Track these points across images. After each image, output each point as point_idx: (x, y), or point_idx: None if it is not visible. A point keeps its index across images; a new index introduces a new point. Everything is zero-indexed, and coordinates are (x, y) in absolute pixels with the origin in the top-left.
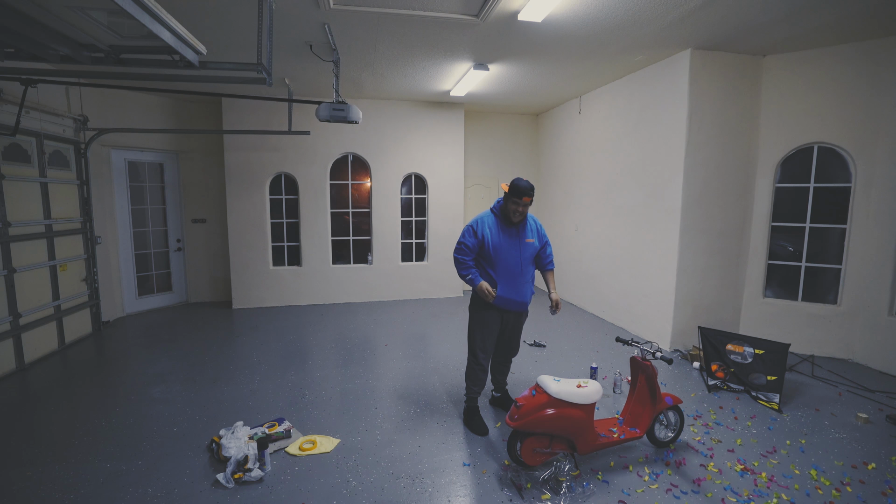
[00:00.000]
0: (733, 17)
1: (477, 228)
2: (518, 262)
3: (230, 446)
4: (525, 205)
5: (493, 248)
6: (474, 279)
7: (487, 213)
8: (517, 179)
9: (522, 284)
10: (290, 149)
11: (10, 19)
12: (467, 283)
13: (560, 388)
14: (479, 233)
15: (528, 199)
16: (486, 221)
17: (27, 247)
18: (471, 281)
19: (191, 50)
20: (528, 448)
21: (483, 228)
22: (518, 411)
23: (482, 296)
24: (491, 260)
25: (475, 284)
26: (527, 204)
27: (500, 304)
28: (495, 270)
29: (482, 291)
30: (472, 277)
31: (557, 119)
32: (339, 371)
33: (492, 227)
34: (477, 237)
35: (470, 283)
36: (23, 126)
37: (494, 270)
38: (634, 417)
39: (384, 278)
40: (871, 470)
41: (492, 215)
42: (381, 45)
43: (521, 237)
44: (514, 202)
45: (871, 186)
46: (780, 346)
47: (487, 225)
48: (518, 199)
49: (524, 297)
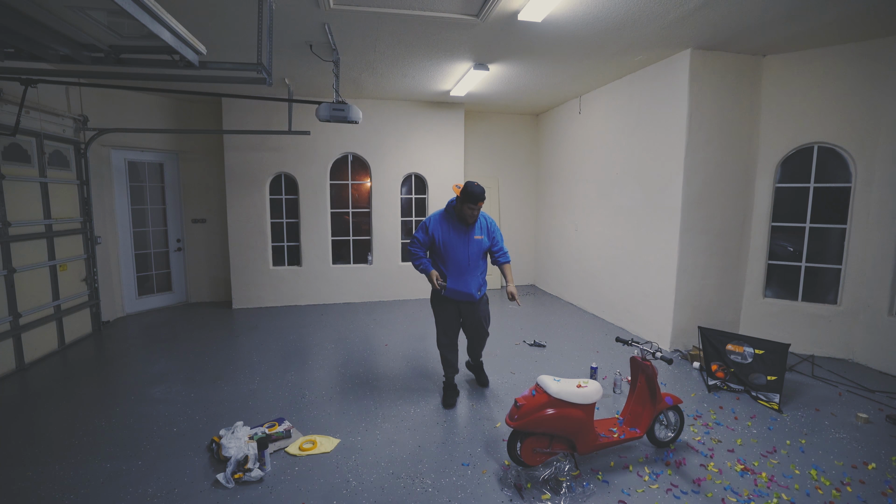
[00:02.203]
0: (733, 17)
1: (429, 226)
2: (465, 257)
3: (230, 446)
4: (478, 208)
5: (443, 245)
6: (425, 268)
7: (441, 212)
8: (470, 185)
9: (470, 278)
10: (290, 149)
11: (10, 19)
12: (420, 271)
13: (560, 388)
14: (430, 230)
15: (481, 204)
16: (437, 220)
17: (27, 247)
18: (423, 270)
19: (191, 50)
20: (528, 448)
21: (435, 226)
22: (518, 411)
23: (430, 283)
24: (441, 255)
25: (428, 272)
26: (479, 207)
27: (450, 295)
28: (445, 265)
29: (431, 278)
30: (424, 267)
31: (557, 119)
32: (339, 371)
33: (443, 226)
34: (428, 234)
35: (422, 272)
36: (23, 126)
37: (444, 265)
38: (634, 417)
39: (384, 278)
40: (871, 470)
41: (445, 213)
42: (381, 45)
43: (469, 234)
44: (468, 207)
45: (871, 186)
46: (780, 346)
47: (439, 223)
48: (473, 205)
49: (471, 289)
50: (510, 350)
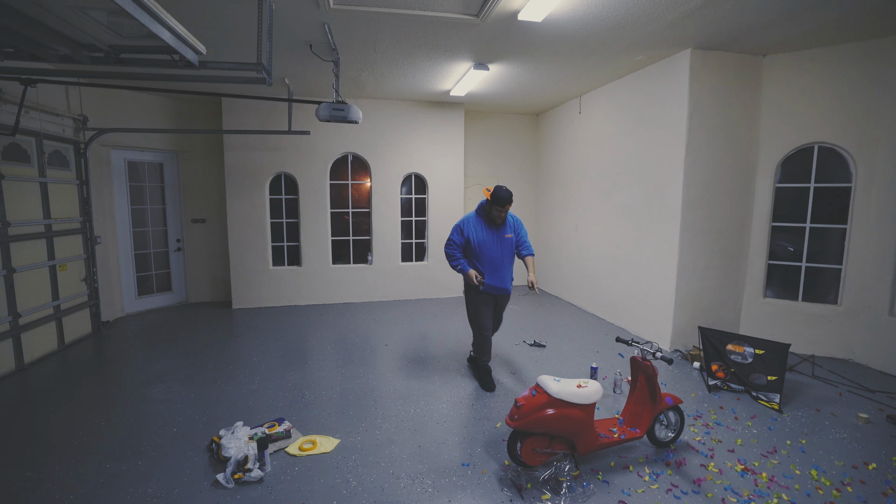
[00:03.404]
0: (733, 17)
1: (464, 228)
2: (499, 255)
3: (230, 446)
4: (506, 211)
5: (478, 245)
6: (463, 268)
7: (472, 214)
8: (499, 189)
9: (504, 273)
10: (290, 149)
11: (9, 19)
12: (458, 272)
13: (560, 388)
14: (465, 232)
15: (508, 207)
16: (471, 222)
17: (27, 247)
18: (461, 270)
19: (191, 50)
20: (529, 448)
21: (469, 228)
22: (518, 411)
23: (470, 282)
24: (476, 255)
25: (465, 272)
26: (507, 210)
27: (487, 290)
28: (481, 263)
29: (470, 278)
30: (462, 267)
31: (557, 119)
32: (339, 371)
33: (476, 227)
34: (463, 236)
35: (460, 271)
36: (22, 126)
37: (480, 263)
38: (634, 417)
39: (384, 278)
40: (871, 470)
41: (476, 216)
42: (381, 45)
43: (500, 234)
44: (497, 209)
45: (871, 186)
46: (781, 346)
47: (472, 225)
48: (500, 207)
49: (506, 284)
50: (510, 350)
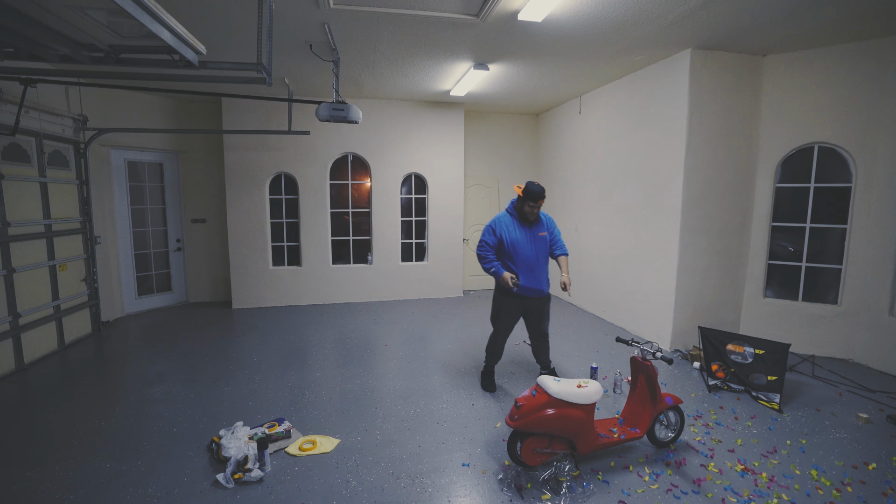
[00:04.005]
0: (733, 17)
1: (496, 228)
2: (534, 255)
3: (230, 446)
4: (539, 206)
5: (511, 246)
6: (497, 271)
7: (504, 214)
8: (530, 184)
9: (540, 274)
10: (290, 149)
11: (9, 19)
12: (491, 275)
13: (560, 388)
14: (497, 232)
15: (541, 202)
16: (503, 221)
17: (27, 247)
18: (494, 273)
19: (190, 50)
20: (528, 448)
21: (501, 228)
22: (518, 411)
23: (505, 285)
24: (510, 255)
25: (499, 275)
26: (540, 205)
27: (521, 292)
28: (515, 264)
29: (505, 281)
30: (496, 270)
31: (557, 119)
32: (339, 371)
33: (509, 227)
34: (496, 236)
35: (494, 274)
36: (22, 126)
37: (514, 264)
38: (635, 417)
39: (384, 278)
40: (871, 470)
41: (508, 215)
42: (381, 45)
43: (534, 232)
44: (529, 205)
45: (871, 186)
46: (781, 346)
47: (505, 224)
48: (533, 203)
49: (542, 285)
50: (510, 350)
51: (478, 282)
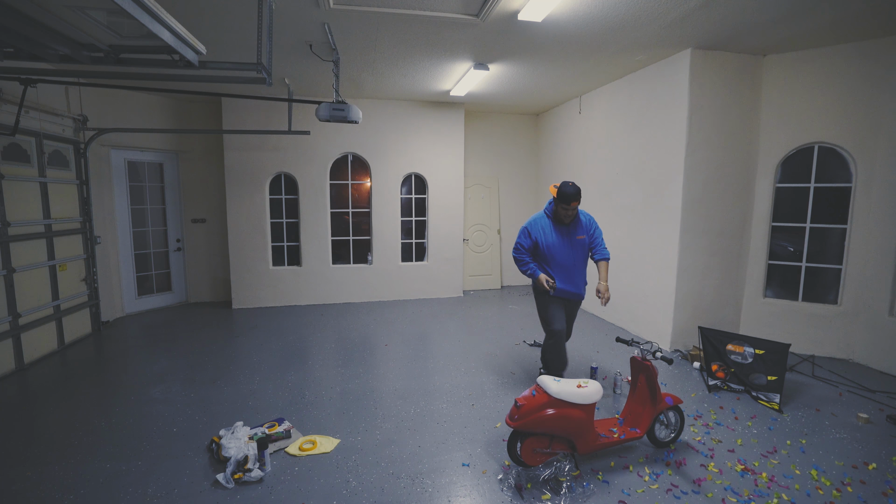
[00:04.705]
0: (733, 17)
1: (531, 230)
2: (571, 258)
3: (230, 446)
4: (574, 208)
5: (547, 249)
6: (534, 273)
7: (541, 215)
8: (564, 185)
9: (577, 278)
10: (290, 149)
11: (9, 19)
12: (527, 276)
13: (560, 388)
14: (532, 235)
15: (575, 204)
16: (539, 223)
17: (27, 247)
18: (531, 275)
19: (190, 50)
20: (528, 448)
21: (536, 231)
22: (518, 411)
23: (541, 287)
24: (546, 258)
25: (535, 277)
26: (575, 207)
27: (559, 294)
28: (551, 268)
29: (541, 283)
30: (532, 272)
31: (557, 119)
32: (339, 371)
33: (545, 229)
34: (531, 238)
35: (530, 276)
36: (22, 126)
37: (550, 267)
38: (635, 417)
39: (384, 278)
40: (871, 470)
41: (545, 217)
42: (381, 44)
43: (572, 236)
44: (562, 207)
45: (871, 186)
46: (781, 346)
47: (541, 227)
48: (566, 205)
49: (579, 288)
50: (510, 350)
51: (478, 282)
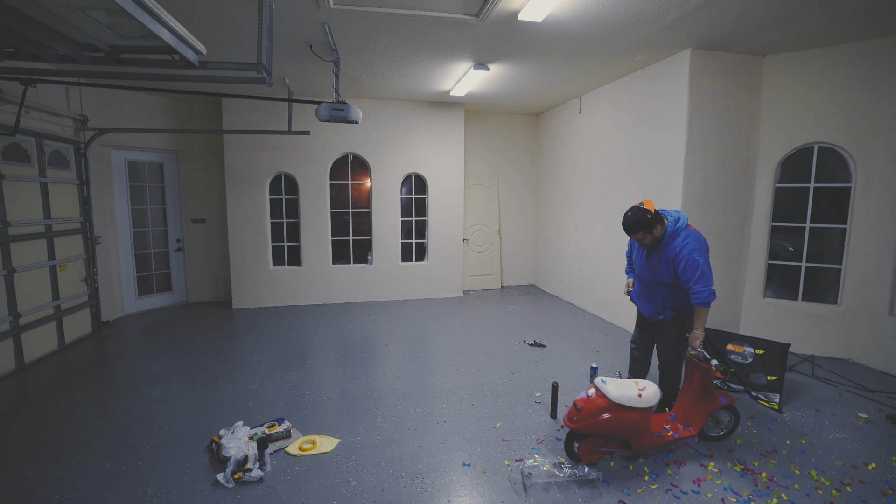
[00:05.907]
0: (733, 17)
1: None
2: (646, 278)
3: (230, 446)
4: (641, 238)
5: (633, 259)
6: (628, 275)
7: None
8: (625, 214)
9: (646, 298)
10: (290, 149)
11: (9, 19)
12: None
13: (620, 392)
14: (629, 243)
15: (640, 234)
16: None
17: (27, 247)
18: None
19: (191, 50)
20: (586, 447)
21: (631, 241)
22: (578, 413)
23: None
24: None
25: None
26: (641, 238)
27: (633, 300)
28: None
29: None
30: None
31: (557, 119)
32: (339, 371)
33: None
34: (629, 247)
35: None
36: (22, 126)
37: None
38: (687, 416)
39: (384, 278)
40: (871, 470)
41: None
42: (381, 45)
43: (650, 261)
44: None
45: (871, 186)
46: (781, 346)
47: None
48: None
49: (644, 308)
50: (510, 350)
51: (478, 282)
